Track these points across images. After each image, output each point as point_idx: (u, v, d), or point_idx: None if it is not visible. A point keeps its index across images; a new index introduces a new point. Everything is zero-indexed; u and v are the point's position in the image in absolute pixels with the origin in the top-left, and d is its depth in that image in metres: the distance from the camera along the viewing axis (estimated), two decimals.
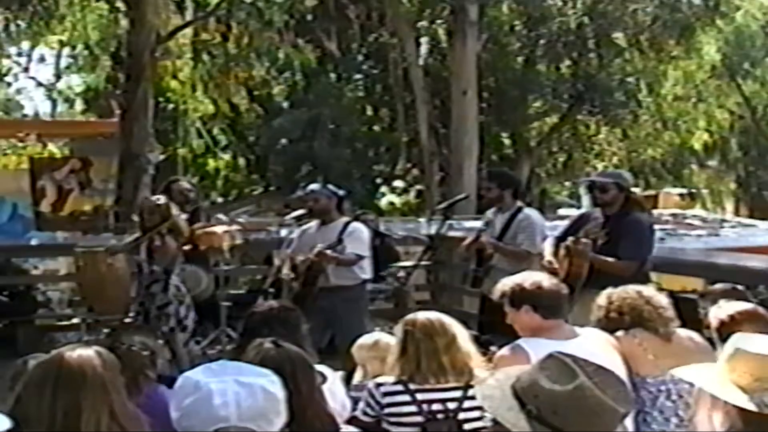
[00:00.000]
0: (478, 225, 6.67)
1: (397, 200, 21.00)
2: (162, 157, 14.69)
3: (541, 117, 19.84)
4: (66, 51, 21.71)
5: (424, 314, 3.78)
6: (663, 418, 3.62)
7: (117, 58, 17.27)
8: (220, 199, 20.67)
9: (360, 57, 19.62)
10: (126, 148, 12.17)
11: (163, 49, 13.99)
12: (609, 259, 5.32)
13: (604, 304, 3.89)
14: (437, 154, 17.29)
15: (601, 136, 20.48)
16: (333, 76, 19.33)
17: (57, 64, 23.93)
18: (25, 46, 21.71)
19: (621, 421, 2.21)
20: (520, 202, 6.42)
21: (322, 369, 3.18)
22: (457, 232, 7.80)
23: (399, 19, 17.05)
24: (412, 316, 3.78)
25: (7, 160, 15.60)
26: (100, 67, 19.27)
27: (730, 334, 2.34)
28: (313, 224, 6.54)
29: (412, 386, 3.60)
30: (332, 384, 3.37)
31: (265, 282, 7.27)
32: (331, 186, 6.77)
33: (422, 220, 11.70)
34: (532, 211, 6.47)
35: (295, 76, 19.44)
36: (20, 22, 16.21)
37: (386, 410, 3.61)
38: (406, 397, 3.60)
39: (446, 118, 16.69)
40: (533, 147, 19.95)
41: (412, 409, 3.59)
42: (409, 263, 7.48)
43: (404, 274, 7.21)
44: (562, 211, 16.12)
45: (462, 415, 3.58)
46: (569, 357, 2.19)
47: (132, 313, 6.81)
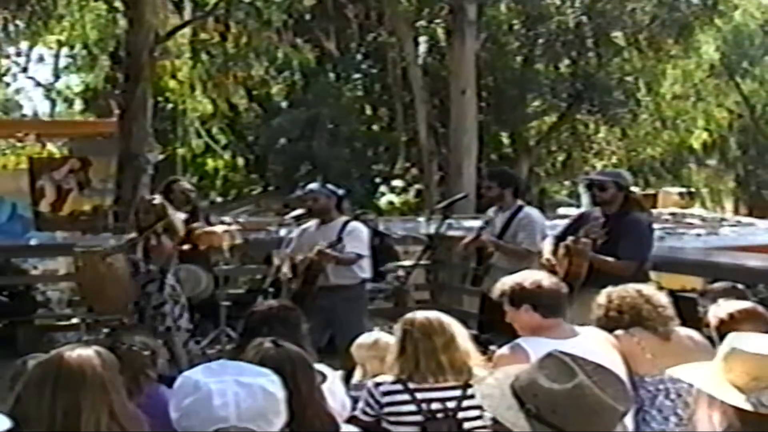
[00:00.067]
0: (478, 224, 6.67)
1: (396, 199, 21.00)
2: (161, 157, 14.69)
3: (540, 116, 19.83)
4: (64, 51, 21.66)
5: (422, 313, 3.78)
6: (662, 417, 3.63)
7: (115, 57, 17.24)
8: (219, 199, 20.67)
9: (359, 56, 19.62)
10: (125, 147, 12.15)
11: (162, 49, 13.95)
12: (609, 259, 5.32)
13: (604, 303, 3.90)
14: (436, 154, 17.27)
15: (600, 136, 20.47)
16: (332, 76, 19.33)
17: (56, 64, 23.91)
18: (24, 46, 21.65)
19: (620, 420, 2.21)
20: (520, 201, 6.42)
21: (322, 368, 3.17)
22: (456, 232, 7.79)
23: (398, 18, 17.05)
24: (411, 316, 3.78)
25: (6, 160, 15.60)
26: (99, 67, 19.23)
27: (730, 332, 2.33)
28: (312, 224, 6.54)
29: (411, 385, 3.60)
30: (332, 383, 3.37)
31: (265, 281, 7.28)
32: (330, 185, 6.78)
33: (421, 219, 11.69)
34: (532, 210, 6.47)
35: (294, 75, 19.43)
36: (19, 22, 16.17)
37: (386, 409, 3.61)
38: (405, 396, 3.60)
39: (445, 118, 16.67)
40: (532, 146, 19.94)
41: (412, 408, 3.59)
42: (408, 262, 7.47)
43: (404, 274, 7.21)
44: (562, 211, 16.08)
45: (461, 414, 3.58)
46: (568, 356, 2.19)
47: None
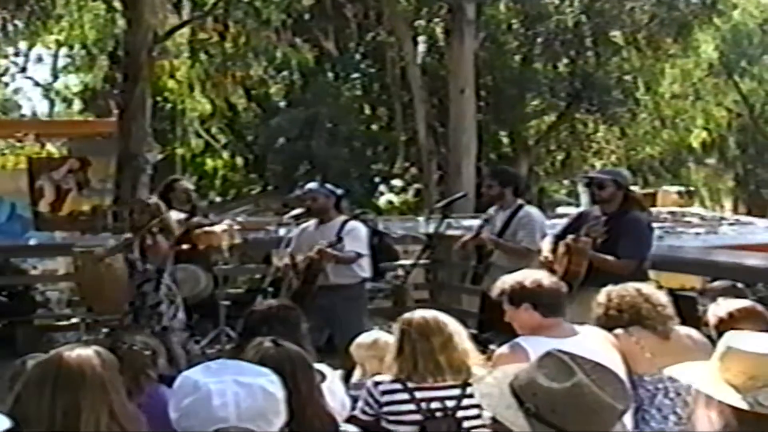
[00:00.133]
0: (477, 223, 6.66)
1: (395, 199, 21.00)
2: (160, 157, 14.70)
3: (539, 115, 19.83)
4: (63, 51, 21.66)
5: (419, 313, 3.76)
6: (661, 416, 3.62)
7: (114, 57, 17.24)
8: (218, 199, 20.66)
9: (357, 56, 19.60)
10: (124, 147, 12.14)
11: (161, 49, 13.94)
12: (608, 257, 5.32)
13: (604, 302, 3.90)
14: (435, 153, 17.26)
15: (599, 135, 20.46)
16: (331, 75, 19.32)
17: (54, 63, 23.90)
18: (23, 46, 21.66)
19: (619, 419, 2.21)
20: (521, 200, 6.41)
21: (322, 368, 3.18)
22: (455, 231, 7.79)
23: (396, 18, 17.03)
24: (408, 315, 3.77)
25: (5, 160, 15.60)
26: (98, 67, 19.22)
27: (729, 331, 2.33)
28: (311, 223, 6.54)
29: (410, 384, 3.60)
30: (331, 383, 3.37)
31: (264, 281, 7.28)
32: (329, 185, 6.78)
33: (421, 218, 11.69)
34: (532, 209, 6.46)
35: (293, 75, 19.44)
36: (17, 22, 16.16)
37: (385, 408, 3.60)
38: (404, 396, 3.59)
39: (444, 117, 16.66)
40: (531, 145, 19.94)
41: (411, 407, 3.58)
42: (407, 262, 7.48)
43: (403, 273, 7.21)
44: (560, 210, 16.10)
45: (461, 413, 3.57)
46: (567, 355, 2.19)
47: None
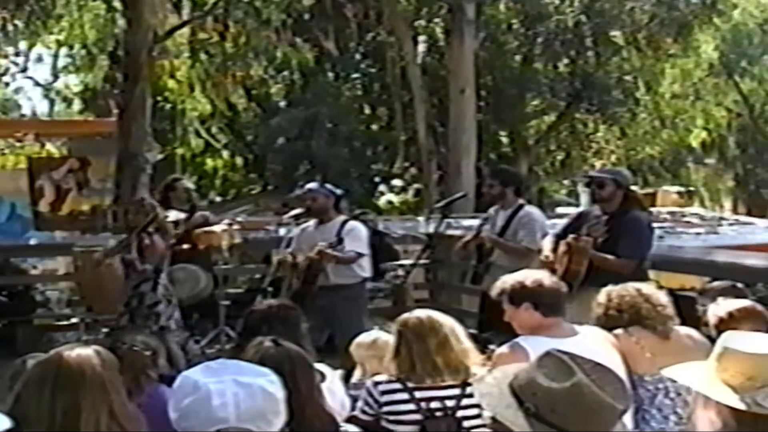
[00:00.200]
0: (477, 223, 6.67)
1: (395, 199, 20.98)
2: (160, 157, 14.67)
3: (539, 115, 19.81)
4: (63, 51, 21.61)
5: (416, 314, 3.75)
6: (662, 416, 3.62)
7: (114, 57, 17.22)
8: (218, 199, 20.65)
9: (358, 56, 19.58)
10: (124, 147, 12.12)
11: (161, 49, 13.93)
12: (608, 257, 5.33)
13: (604, 302, 3.90)
14: (435, 153, 17.25)
15: (599, 135, 20.44)
16: (331, 75, 19.30)
17: (54, 63, 23.85)
18: (23, 45, 21.63)
19: (619, 419, 2.21)
20: (521, 200, 6.42)
21: (322, 367, 3.18)
22: (455, 231, 7.80)
23: (396, 17, 17.02)
24: (405, 316, 3.76)
25: (5, 160, 15.63)
26: (98, 67, 19.19)
27: (729, 331, 2.33)
28: (311, 223, 6.55)
29: (410, 384, 3.60)
30: (331, 382, 3.37)
31: (264, 281, 7.28)
32: (328, 185, 6.79)
33: (421, 218, 11.67)
34: (533, 209, 6.47)
35: (293, 75, 19.40)
36: (17, 22, 16.15)
37: (385, 408, 3.60)
38: (404, 396, 3.59)
39: (444, 117, 16.65)
40: (531, 145, 19.92)
41: (411, 407, 3.58)
42: (407, 262, 7.49)
43: (403, 273, 7.21)
44: (561, 210, 16.09)
45: (461, 413, 3.57)
46: (566, 354, 2.19)
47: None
